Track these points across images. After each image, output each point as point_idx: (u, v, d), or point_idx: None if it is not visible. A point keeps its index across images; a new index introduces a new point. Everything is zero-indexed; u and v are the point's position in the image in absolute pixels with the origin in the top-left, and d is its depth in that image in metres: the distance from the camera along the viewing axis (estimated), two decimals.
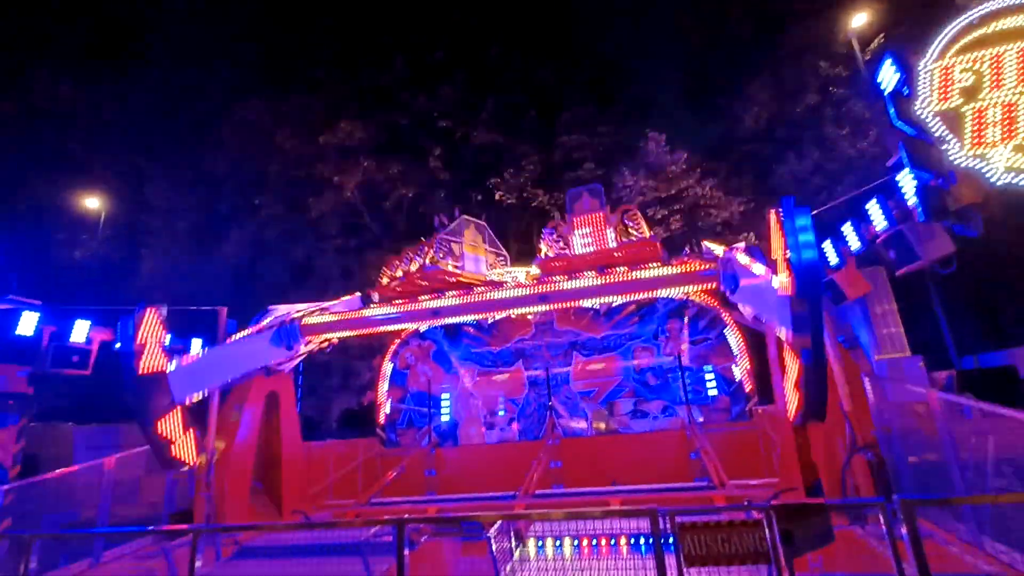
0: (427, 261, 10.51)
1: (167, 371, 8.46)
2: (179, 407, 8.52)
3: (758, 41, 23.96)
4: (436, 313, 10.15)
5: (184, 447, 8.45)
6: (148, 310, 8.18)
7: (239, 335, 9.92)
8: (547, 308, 10.61)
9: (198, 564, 4.76)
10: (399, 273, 10.88)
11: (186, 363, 8.88)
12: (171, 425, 8.27)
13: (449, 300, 10.21)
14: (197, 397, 8.82)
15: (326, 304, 11.18)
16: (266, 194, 25.50)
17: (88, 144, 26.73)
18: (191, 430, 8.65)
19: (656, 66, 26.40)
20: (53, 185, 25.66)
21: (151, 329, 8.21)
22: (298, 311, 10.74)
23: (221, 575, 7.47)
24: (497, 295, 10.03)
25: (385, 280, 11.21)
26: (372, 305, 11.08)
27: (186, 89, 28.63)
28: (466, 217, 12.77)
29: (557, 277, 9.90)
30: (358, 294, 11.80)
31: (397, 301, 10.67)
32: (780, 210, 5.92)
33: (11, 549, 5.76)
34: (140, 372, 7.90)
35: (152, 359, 8.20)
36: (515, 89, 26.27)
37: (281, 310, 10.80)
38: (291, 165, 25.55)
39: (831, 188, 19.56)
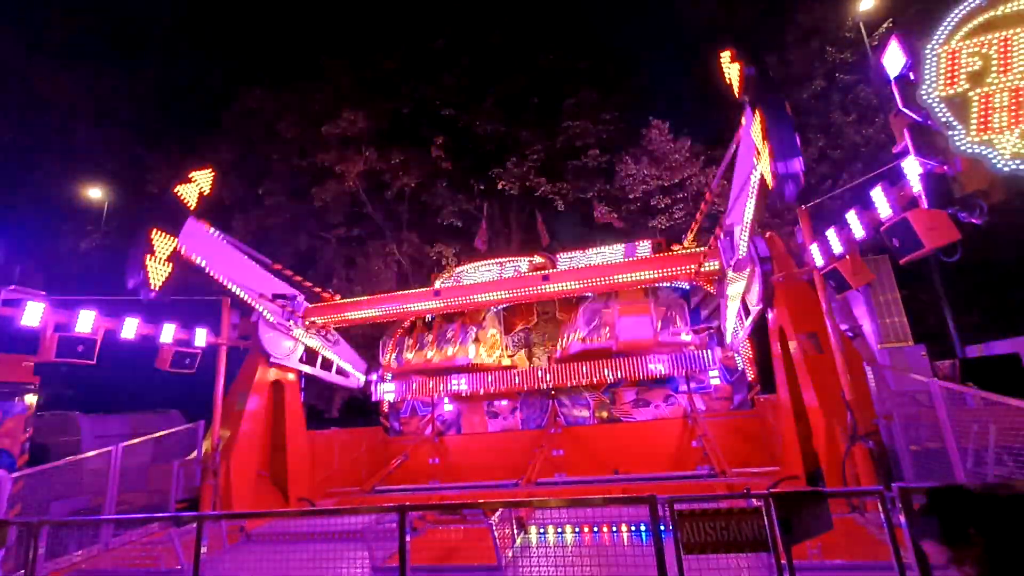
0: None
1: None
2: None
3: (764, 26, 23.55)
4: None
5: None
6: None
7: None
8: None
9: (204, 550, 4.84)
10: None
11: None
12: None
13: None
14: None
15: None
16: (268, 183, 25.43)
17: (90, 134, 26.69)
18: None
19: (660, 52, 26.12)
20: (56, 175, 25.68)
21: None
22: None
23: (227, 560, 7.58)
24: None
25: None
26: None
27: (187, 79, 28.52)
28: None
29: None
30: None
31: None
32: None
33: (20, 535, 5.87)
34: None
35: None
36: (518, 77, 25.98)
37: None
38: (293, 154, 25.44)
39: (836, 176, 19.38)
